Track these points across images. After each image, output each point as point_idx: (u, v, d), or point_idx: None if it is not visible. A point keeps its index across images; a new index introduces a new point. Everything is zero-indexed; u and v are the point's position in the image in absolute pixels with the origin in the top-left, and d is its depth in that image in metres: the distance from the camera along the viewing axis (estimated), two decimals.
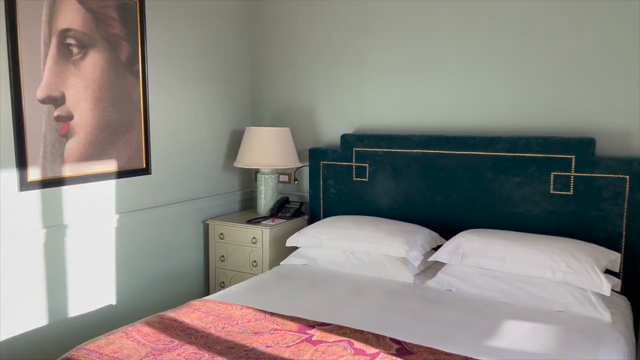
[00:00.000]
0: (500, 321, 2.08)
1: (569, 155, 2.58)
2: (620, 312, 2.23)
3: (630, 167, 2.45)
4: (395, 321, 2.07)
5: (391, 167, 3.05)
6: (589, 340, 1.93)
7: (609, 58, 2.55)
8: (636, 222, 2.46)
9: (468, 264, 2.44)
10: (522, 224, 2.70)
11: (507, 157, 2.72)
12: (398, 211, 3.04)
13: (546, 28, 2.68)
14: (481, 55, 2.85)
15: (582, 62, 2.61)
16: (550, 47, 2.67)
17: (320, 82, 3.35)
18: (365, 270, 2.66)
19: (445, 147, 2.88)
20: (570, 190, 2.59)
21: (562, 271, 2.23)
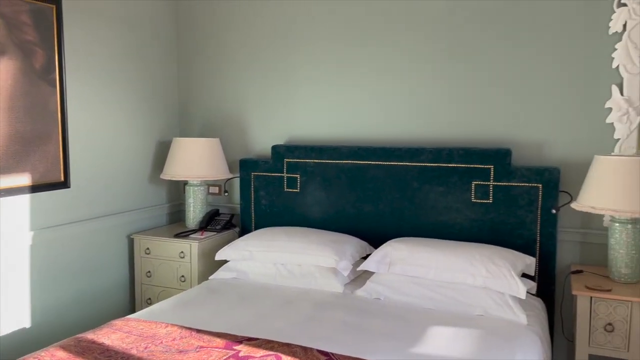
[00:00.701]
0: (425, 328, 2.13)
1: (487, 166, 2.71)
2: (536, 313, 2.35)
3: (543, 176, 2.61)
4: (323, 332, 2.07)
5: (322, 178, 3.07)
6: (507, 342, 2.02)
7: (524, 75, 2.71)
8: (549, 228, 2.61)
9: (395, 272, 2.50)
10: (446, 232, 2.80)
11: (431, 167, 2.82)
12: (329, 221, 3.06)
13: (468, 47, 2.81)
14: (407, 69, 2.94)
15: (500, 79, 2.76)
16: (471, 64, 2.80)
17: (251, 93, 3.33)
18: (295, 282, 2.66)
19: (373, 157, 2.94)
20: (490, 199, 2.72)
21: (482, 276, 2.33)
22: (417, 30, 2.90)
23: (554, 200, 2.59)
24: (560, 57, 2.63)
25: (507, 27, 2.72)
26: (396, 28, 2.94)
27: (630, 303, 2.19)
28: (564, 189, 2.62)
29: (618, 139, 2.53)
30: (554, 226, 2.61)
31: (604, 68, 2.54)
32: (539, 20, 2.65)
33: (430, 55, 2.88)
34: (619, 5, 2.49)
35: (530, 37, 2.68)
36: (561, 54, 2.62)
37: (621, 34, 2.49)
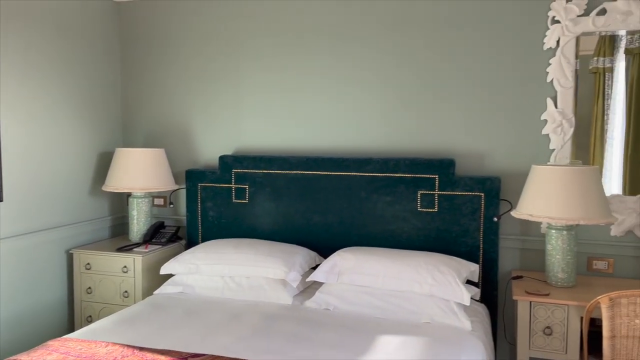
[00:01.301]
0: (374, 337, 2.15)
1: (432, 175, 2.77)
2: (480, 319, 2.42)
3: (485, 186, 2.70)
4: (271, 345, 2.05)
5: (271, 189, 3.05)
6: (452, 348, 2.06)
7: (466, 89, 2.80)
8: (491, 235, 2.70)
9: (344, 282, 2.51)
10: (393, 240, 2.84)
11: (379, 177, 2.86)
12: (278, 232, 3.04)
13: (415, 60, 2.87)
14: (356, 80, 2.98)
15: (445, 92, 2.83)
16: (417, 77, 2.87)
17: (198, 102, 3.28)
18: (244, 295, 2.61)
19: (322, 168, 2.95)
20: (435, 208, 2.78)
21: (429, 284, 2.37)
22: (365, 41, 2.94)
23: (495, 208, 2.68)
24: (499, 71, 2.74)
25: (451, 42, 2.80)
26: (345, 39, 2.97)
27: (567, 306, 2.29)
28: (504, 198, 2.72)
29: (553, 149, 2.65)
30: (496, 234, 2.70)
31: (539, 82, 2.67)
32: (480, 36, 2.76)
33: (379, 67, 2.93)
34: (552, 22, 2.63)
35: (473, 53, 2.77)
36: (501, 68, 2.73)
37: (555, 49, 2.62)
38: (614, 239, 2.60)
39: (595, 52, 2.63)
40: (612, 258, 2.61)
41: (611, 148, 2.67)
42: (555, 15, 2.61)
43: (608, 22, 2.54)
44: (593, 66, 2.65)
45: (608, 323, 2.10)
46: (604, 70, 2.63)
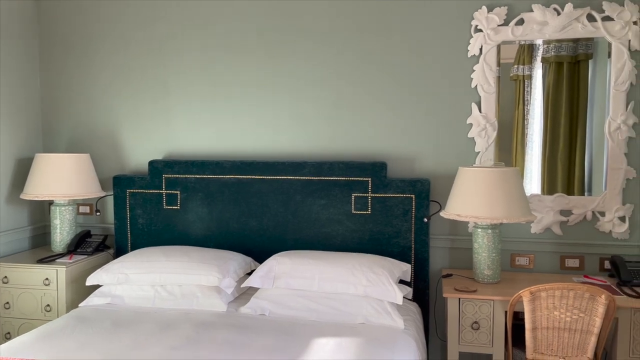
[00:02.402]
0: (309, 340, 2.15)
1: (365, 178, 2.82)
2: (412, 317, 2.48)
3: (415, 188, 2.78)
4: (205, 354, 2.00)
5: (204, 194, 2.98)
6: (386, 347, 2.10)
7: (397, 95, 2.87)
8: (422, 235, 2.78)
9: (280, 287, 2.49)
10: (328, 243, 2.86)
11: (313, 180, 2.87)
12: (212, 238, 2.98)
13: (345, 68, 2.91)
14: (289, 84, 2.98)
15: (377, 97, 2.89)
16: (349, 84, 2.91)
17: (124, 106, 3.15)
18: (176, 304, 2.53)
19: (256, 172, 2.92)
20: (369, 210, 2.83)
21: (363, 285, 2.41)
22: (298, 46, 2.95)
23: (426, 209, 2.77)
24: (428, 77, 2.83)
25: (381, 49, 2.87)
26: (277, 43, 2.97)
27: (493, 302, 2.40)
28: (434, 199, 2.81)
29: (478, 152, 2.78)
30: (427, 234, 2.78)
31: (465, 87, 2.79)
32: (409, 43, 2.84)
33: (312, 72, 2.95)
34: (475, 31, 2.76)
35: (402, 59, 2.85)
36: (429, 74, 2.83)
37: (478, 56, 2.75)
38: (534, 236, 2.76)
39: (515, 60, 2.79)
40: (532, 254, 2.77)
41: (531, 151, 2.84)
42: (478, 24, 2.74)
43: (526, 32, 2.70)
44: (513, 74, 2.80)
45: (530, 316, 2.22)
46: (524, 78, 2.80)
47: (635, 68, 2.59)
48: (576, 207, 2.69)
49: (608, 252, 2.66)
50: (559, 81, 2.75)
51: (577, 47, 2.70)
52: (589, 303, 2.17)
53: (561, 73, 2.74)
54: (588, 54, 2.71)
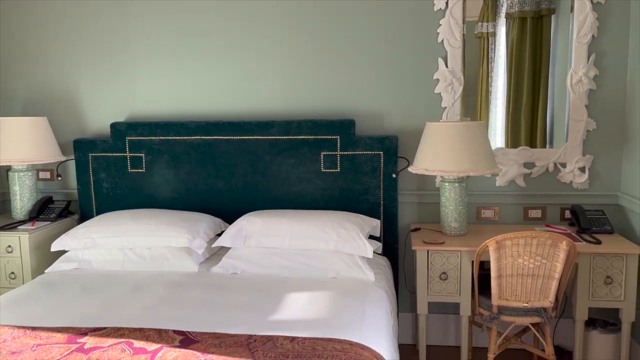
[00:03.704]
0: (283, 296, 2.17)
1: (334, 136, 2.81)
2: (382, 271, 2.53)
3: (383, 144, 2.79)
4: (178, 313, 1.99)
5: (169, 156, 2.92)
6: (357, 299, 2.14)
7: (363, 51, 2.84)
8: (390, 191, 2.82)
9: (251, 245, 2.49)
10: (298, 202, 2.86)
11: (282, 140, 2.85)
12: (180, 201, 2.94)
13: (313, 23, 2.85)
14: (254, 42, 2.90)
15: (343, 54, 2.85)
16: (315, 41, 2.85)
17: (82, 67, 3.02)
18: (146, 266, 2.51)
19: (223, 132, 2.87)
20: (338, 168, 2.83)
21: (334, 241, 2.43)
22: (262, 3, 2.86)
23: (394, 165, 2.79)
24: (394, 32, 2.81)
25: (347, 7, 2.82)
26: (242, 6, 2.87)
27: (460, 252, 2.46)
28: (402, 155, 2.83)
29: (445, 107, 2.80)
30: (395, 190, 2.82)
31: (431, 42, 2.78)
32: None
33: (277, 29, 2.88)
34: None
35: (368, 15, 2.81)
36: (395, 29, 2.80)
37: (444, 10, 2.74)
38: (498, 189, 2.83)
39: (479, 17, 2.79)
40: (497, 206, 2.84)
41: (495, 108, 2.88)
42: None
43: None
44: (478, 31, 2.81)
45: (495, 264, 2.30)
46: (488, 35, 2.81)
47: (597, 20, 2.63)
48: (539, 159, 2.76)
49: (569, 202, 2.76)
50: (522, 37, 2.77)
51: (540, 2, 2.72)
52: (551, 250, 2.26)
53: (525, 29, 2.76)
54: (551, 8, 2.73)
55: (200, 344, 1.70)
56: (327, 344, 1.71)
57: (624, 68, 2.67)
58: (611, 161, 2.74)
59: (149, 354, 1.62)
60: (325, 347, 1.68)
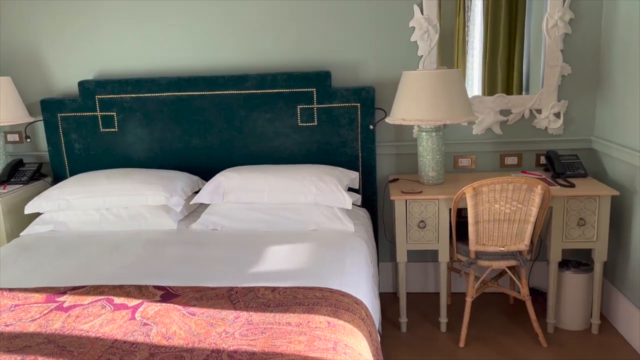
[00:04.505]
0: (263, 249, 2.17)
1: (310, 89, 2.77)
2: (362, 222, 2.55)
3: (360, 96, 2.75)
4: (159, 269, 1.99)
5: (142, 114, 2.85)
6: (338, 249, 2.16)
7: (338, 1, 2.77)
8: (368, 143, 2.80)
9: (230, 201, 2.48)
10: (276, 157, 2.84)
11: (257, 94, 2.79)
12: (155, 159, 2.89)
13: None
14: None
15: (316, 4, 2.77)
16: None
17: (47, 23, 2.88)
18: (124, 226, 2.48)
19: (196, 88, 2.80)
20: (315, 121, 2.80)
21: (313, 194, 2.43)
22: None
23: (371, 117, 2.77)
24: None
25: None
26: None
27: (437, 201, 2.49)
28: (379, 107, 2.81)
29: (421, 55, 2.76)
30: (373, 142, 2.80)
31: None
32: None
33: None
34: None
35: None
36: None
37: None
38: (475, 137, 2.84)
39: None
40: (474, 155, 2.86)
41: (472, 57, 2.86)
42: None
43: None
44: None
45: (472, 210, 2.33)
46: None
47: None
48: (515, 106, 2.76)
49: (544, 148, 2.79)
50: None
51: None
52: (527, 194, 2.29)
53: None
54: None
55: (181, 298, 1.70)
56: (308, 292, 1.73)
57: (599, 11, 2.66)
58: (585, 106, 2.76)
59: (129, 309, 1.62)
60: (306, 295, 1.71)
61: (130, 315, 1.59)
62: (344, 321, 1.56)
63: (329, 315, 1.57)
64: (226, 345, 1.41)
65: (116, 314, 1.60)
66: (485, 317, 2.72)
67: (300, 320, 1.53)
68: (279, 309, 1.61)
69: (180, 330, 1.50)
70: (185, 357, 1.36)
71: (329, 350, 1.38)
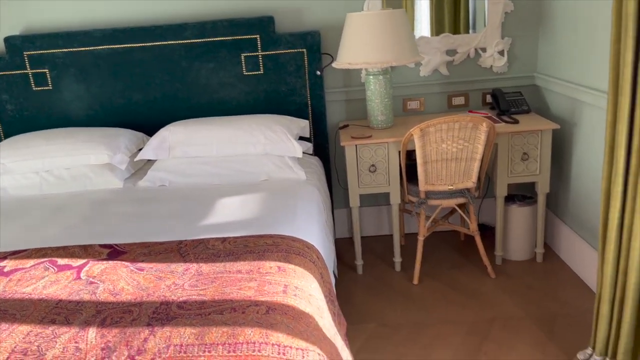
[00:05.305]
0: (213, 202, 2.14)
1: (253, 35, 2.67)
2: (314, 170, 2.54)
3: (306, 41, 2.69)
4: (105, 228, 1.94)
5: (77, 70, 2.70)
6: (289, 197, 2.16)
7: None
8: (317, 90, 2.76)
9: (177, 156, 2.42)
10: (223, 108, 2.76)
11: (198, 43, 2.68)
12: (96, 117, 2.77)
13: None
14: None
15: None
16: None
17: None
18: (67, 187, 2.39)
19: (133, 40, 2.66)
20: (261, 70, 2.73)
21: (262, 144, 2.39)
22: None
23: (318, 62, 2.71)
24: None
25: None
26: None
27: (387, 144, 2.50)
28: (326, 52, 2.75)
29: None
30: (322, 88, 2.76)
31: None
32: None
33: None
34: None
35: None
36: None
37: None
38: (423, 79, 2.84)
39: None
40: (422, 97, 2.87)
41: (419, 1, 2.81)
42: None
43: None
44: None
45: (421, 151, 2.35)
46: None
47: None
48: (460, 45, 2.76)
49: (489, 87, 2.82)
50: None
51: None
52: (472, 132, 2.33)
53: None
54: None
55: (128, 254, 1.67)
56: (259, 239, 1.72)
57: None
58: (528, 43, 2.78)
59: (74, 269, 1.58)
60: (256, 242, 1.70)
61: (75, 275, 1.55)
62: (294, 265, 1.57)
63: (280, 260, 1.58)
64: (175, 296, 1.40)
65: (60, 275, 1.56)
66: (437, 255, 2.81)
67: (251, 268, 1.53)
68: (229, 258, 1.61)
69: (128, 285, 1.47)
70: (133, 311, 1.34)
71: (278, 293, 1.40)
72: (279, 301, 1.36)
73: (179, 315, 1.31)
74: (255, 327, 1.24)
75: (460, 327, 2.20)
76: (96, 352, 1.20)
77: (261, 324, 1.26)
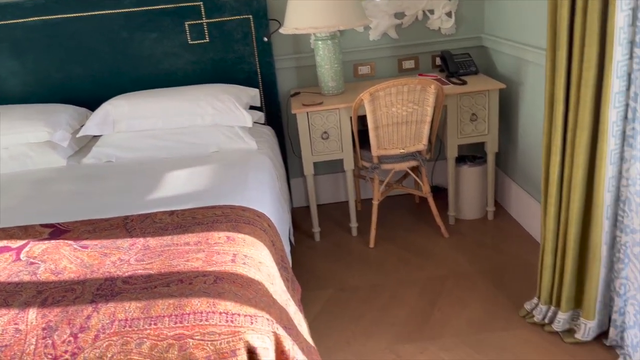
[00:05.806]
0: (162, 177, 2.09)
1: (197, 3, 2.58)
2: (265, 139, 2.51)
3: (252, 7, 2.61)
4: (47, 208, 1.86)
5: (9, 44, 2.55)
6: (241, 167, 2.13)
7: None
8: (266, 57, 2.70)
9: (122, 130, 2.34)
10: (169, 79, 2.68)
11: (138, 12, 2.56)
12: (34, 94, 2.64)
13: None
14: None
15: None
16: None
17: None
18: (5, 168, 2.28)
19: (68, 10, 2.52)
20: (206, 38, 2.64)
21: (210, 115, 2.34)
22: None
23: (265, 29, 2.65)
24: None
25: None
26: None
27: (339, 110, 2.48)
28: (272, 17, 2.68)
29: None
30: (271, 55, 2.71)
31: None
32: None
33: None
34: None
35: None
36: None
37: None
38: (372, 43, 2.82)
39: None
40: (373, 62, 2.85)
41: None
42: None
43: None
44: None
45: (371, 116, 2.35)
46: None
47: None
48: (408, 8, 2.74)
49: (438, 49, 2.82)
50: None
51: None
52: (421, 95, 2.33)
53: None
54: None
55: (72, 233, 1.62)
56: (207, 211, 1.70)
57: None
58: (474, 4, 2.79)
59: (13, 250, 1.52)
60: (205, 214, 1.68)
61: (14, 256, 1.49)
62: (244, 234, 1.55)
63: (229, 230, 1.56)
64: (120, 272, 1.37)
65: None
66: (392, 218, 2.85)
67: (199, 239, 1.51)
68: (177, 231, 1.58)
69: (71, 264, 1.43)
70: (76, 289, 1.30)
71: (227, 262, 1.38)
72: (227, 270, 1.35)
73: (124, 290, 1.28)
74: (203, 297, 1.23)
75: (415, 286, 2.25)
76: (37, 333, 1.16)
77: (209, 293, 1.24)
